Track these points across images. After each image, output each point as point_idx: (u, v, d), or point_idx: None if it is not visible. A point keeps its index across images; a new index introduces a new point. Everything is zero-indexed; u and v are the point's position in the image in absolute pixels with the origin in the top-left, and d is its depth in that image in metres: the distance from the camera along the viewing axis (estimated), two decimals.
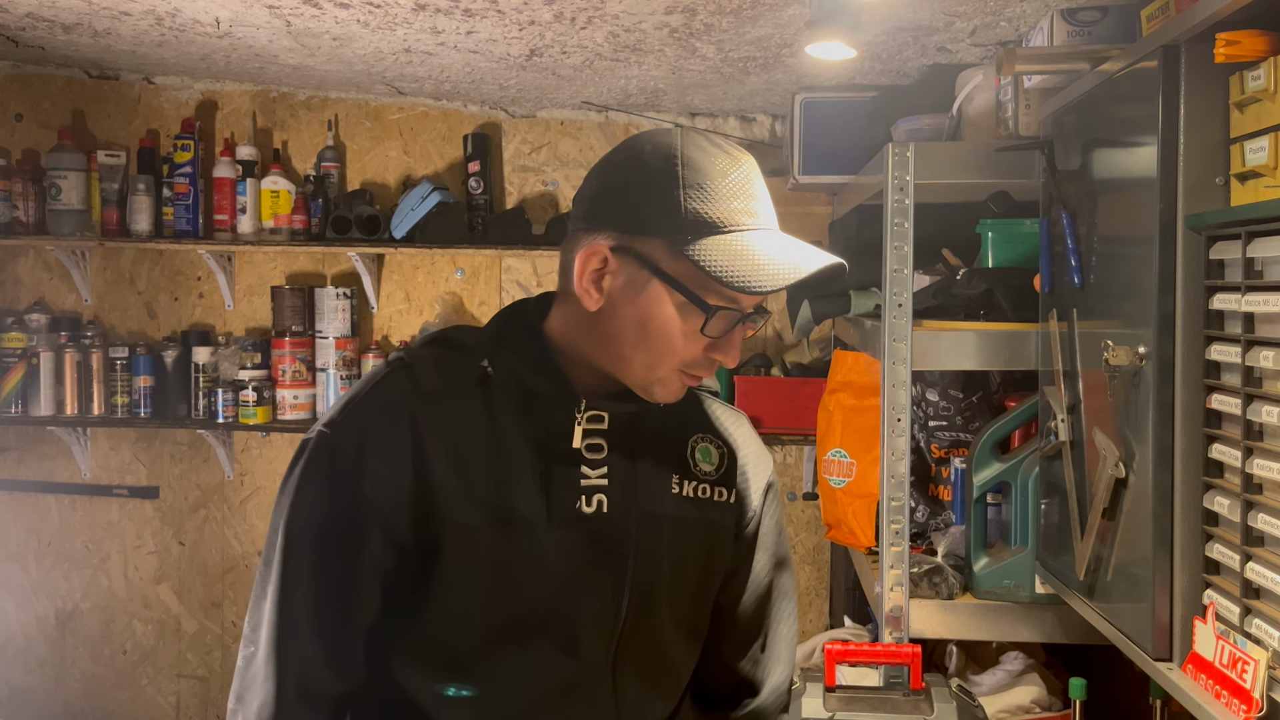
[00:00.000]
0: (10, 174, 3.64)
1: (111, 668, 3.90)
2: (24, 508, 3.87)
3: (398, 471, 1.30)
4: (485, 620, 1.33)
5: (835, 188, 3.22)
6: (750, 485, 1.49)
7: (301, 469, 1.32)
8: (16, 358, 3.69)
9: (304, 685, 1.30)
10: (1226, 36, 1.28)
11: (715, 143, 1.31)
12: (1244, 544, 1.29)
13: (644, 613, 1.38)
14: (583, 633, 1.35)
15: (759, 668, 1.54)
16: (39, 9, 2.74)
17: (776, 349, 3.69)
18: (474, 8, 2.42)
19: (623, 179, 1.32)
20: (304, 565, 1.31)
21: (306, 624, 1.30)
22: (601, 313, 1.31)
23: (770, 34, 2.53)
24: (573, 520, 1.33)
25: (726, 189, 1.27)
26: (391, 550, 1.31)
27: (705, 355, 1.31)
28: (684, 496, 1.41)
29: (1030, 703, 2.11)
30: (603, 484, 1.35)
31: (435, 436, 1.31)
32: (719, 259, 1.24)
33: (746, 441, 1.51)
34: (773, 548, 1.53)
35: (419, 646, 1.34)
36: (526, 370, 1.35)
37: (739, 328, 1.31)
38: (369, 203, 3.59)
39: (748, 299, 1.29)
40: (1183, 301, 1.40)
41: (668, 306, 1.28)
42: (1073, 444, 1.76)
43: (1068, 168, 1.79)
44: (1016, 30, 2.35)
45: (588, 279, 1.30)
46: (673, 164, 1.27)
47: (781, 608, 1.56)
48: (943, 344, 2.08)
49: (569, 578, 1.34)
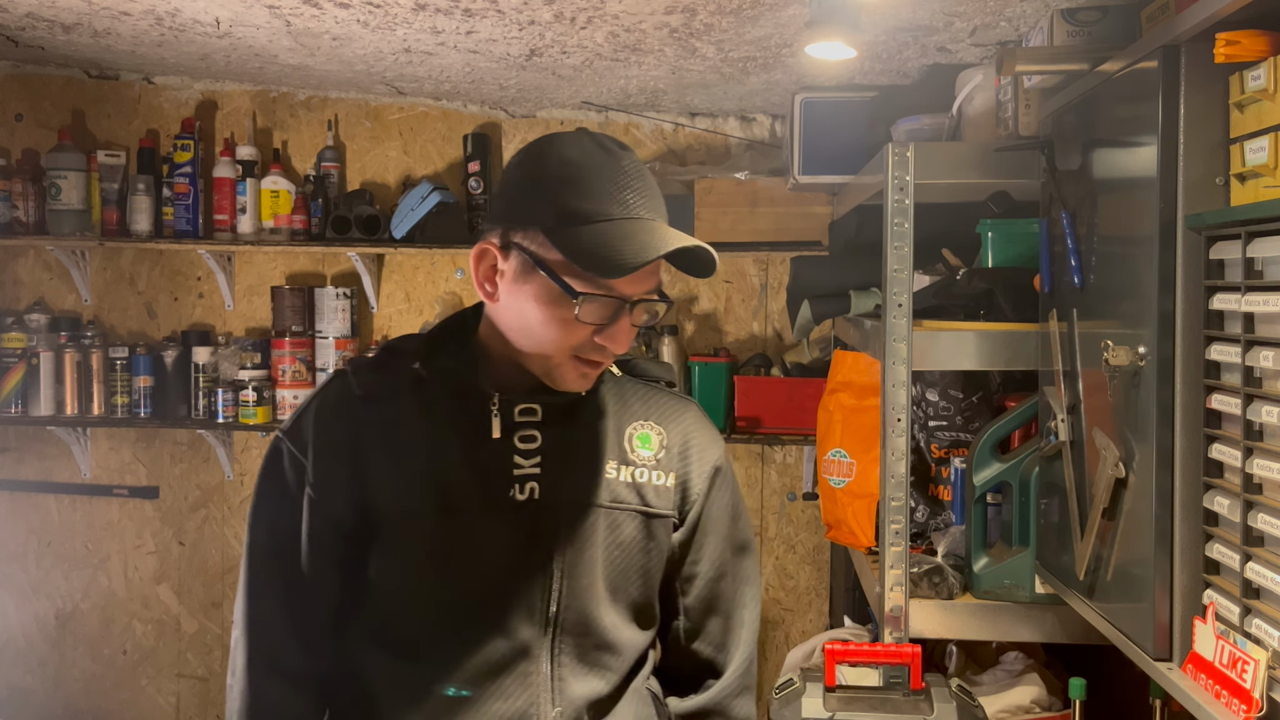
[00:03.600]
0: (10, 174, 3.64)
1: (111, 668, 3.90)
2: (24, 508, 3.87)
3: (338, 469, 1.44)
4: (424, 603, 1.44)
5: (835, 188, 3.22)
6: (693, 469, 1.56)
7: (260, 472, 1.50)
8: (16, 358, 3.69)
9: (275, 661, 1.46)
10: (1226, 36, 1.28)
11: (599, 141, 1.39)
12: (1244, 544, 1.29)
13: (579, 596, 1.46)
14: (517, 615, 1.44)
15: (720, 651, 1.60)
16: (39, 9, 2.74)
17: (776, 349, 3.69)
18: (474, 8, 2.42)
19: (509, 179, 1.44)
20: (266, 558, 1.48)
21: (273, 610, 1.47)
22: (500, 307, 1.43)
23: (770, 34, 2.53)
24: (506, 508, 1.43)
25: (598, 183, 1.35)
26: (341, 540, 1.45)
27: (593, 342, 1.39)
28: (621, 482, 1.49)
29: (1030, 703, 2.11)
30: (535, 472, 1.44)
31: (372, 435, 1.44)
32: (582, 246, 1.33)
33: (691, 427, 1.58)
34: (725, 531, 1.60)
35: (367, 627, 1.47)
36: (454, 370, 1.46)
37: (624, 315, 1.39)
38: (369, 203, 3.59)
39: (627, 286, 1.37)
40: (1183, 301, 1.40)
41: (546, 296, 1.37)
42: (1073, 444, 1.76)
43: (1068, 168, 1.79)
44: (1016, 30, 2.35)
45: (482, 275, 1.43)
46: (549, 161, 1.38)
47: (742, 592, 1.62)
48: (943, 344, 2.08)
49: (503, 563, 1.44)
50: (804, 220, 3.43)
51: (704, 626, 1.60)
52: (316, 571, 1.46)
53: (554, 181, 1.36)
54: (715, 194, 3.43)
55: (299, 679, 1.47)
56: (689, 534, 1.56)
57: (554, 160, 1.38)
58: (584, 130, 1.43)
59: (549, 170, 1.37)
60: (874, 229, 2.18)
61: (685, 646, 1.60)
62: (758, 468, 3.76)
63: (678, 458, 1.55)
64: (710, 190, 3.43)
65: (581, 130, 1.43)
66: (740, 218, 3.43)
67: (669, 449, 1.54)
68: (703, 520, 1.57)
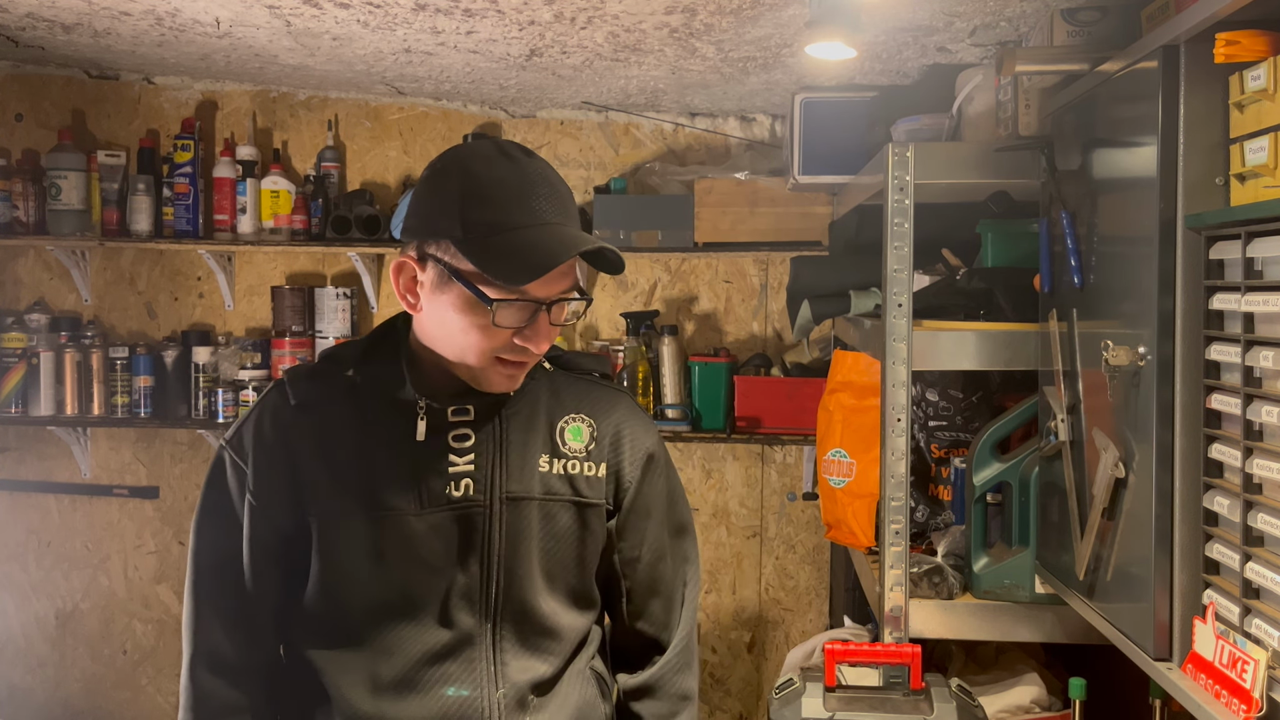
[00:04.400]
0: (10, 174, 3.64)
1: (111, 668, 3.90)
2: (24, 508, 3.87)
3: (275, 477, 1.51)
4: (366, 599, 1.50)
5: (835, 188, 3.22)
6: (625, 458, 1.61)
7: (206, 479, 1.57)
8: (16, 358, 3.69)
9: (212, 658, 1.53)
10: (1226, 36, 1.28)
11: (503, 149, 1.45)
12: (1244, 544, 1.29)
13: (516, 585, 1.52)
14: (456, 606, 1.51)
15: (664, 630, 1.68)
16: (39, 9, 2.74)
17: (776, 349, 3.69)
18: (474, 8, 2.42)
19: (420, 194, 1.48)
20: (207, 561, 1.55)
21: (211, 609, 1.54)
22: (423, 317, 1.49)
23: (770, 34, 2.53)
24: (442, 505, 1.50)
25: (503, 193, 1.40)
26: (281, 543, 1.52)
27: (514, 344, 1.45)
28: (553, 474, 1.55)
29: (1030, 703, 2.11)
30: (469, 469, 1.51)
31: (307, 441, 1.51)
32: (490, 255, 1.38)
33: (624, 418, 1.63)
34: (662, 516, 1.66)
35: (313, 624, 1.53)
36: (384, 376, 1.52)
37: (542, 315, 1.44)
38: (369, 203, 3.59)
39: (540, 289, 1.42)
40: (1183, 301, 1.40)
41: (463, 304, 1.42)
42: (1073, 444, 1.76)
43: (1068, 168, 1.79)
44: (1016, 30, 2.35)
45: (403, 287, 1.48)
46: (454, 176, 1.43)
47: (682, 571, 1.70)
48: (943, 344, 2.08)
49: (441, 557, 1.50)
50: (804, 220, 3.43)
51: (646, 607, 1.67)
52: (258, 573, 1.53)
53: (461, 194, 1.41)
54: (715, 194, 3.43)
55: (238, 672, 1.54)
56: (625, 519, 1.62)
57: (460, 172, 1.43)
58: (489, 139, 1.51)
59: (455, 183, 1.42)
60: (874, 229, 2.18)
61: (630, 627, 1.68)
62: (758, 468, 3.76)
63: (609, 448, 1.60)
64: (710, 190, 3.43)
65: (486, 139, 1.51)
66: (740, 218, 3.43)
67: (599, 440, 1.59)
68: (638, 505, 1.63)
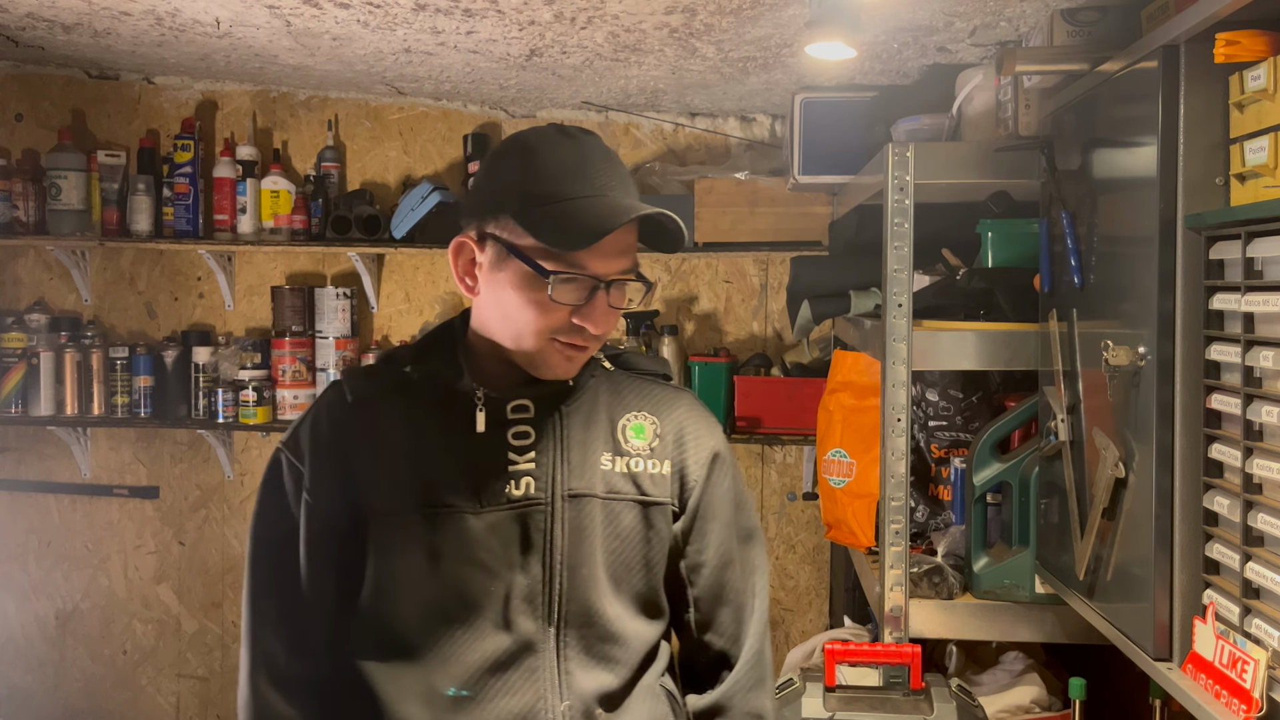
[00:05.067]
0: (10, 174, 3.64)
1: (111, 668, 3.90)
2: (24, 508, 3.87)
3: (331, 475, 1.47)
4: (423, 601, 1.45)
5: (835, 188, 3.22)
6: (689, 456, 1.56)
7: (262, 482, 1.53)
8: (16, 358, 3.69)
9: (273, 670, 1.48)
10: (1226, 36, 1.28)
11: (563, 130, 1.44)
12: (1244, 544, 1.29)
13: (580, 587, 1.46)
14: (517, 610, 1.45)
15: (733, 642, 1.59)
16: (39, 9, 2.74)
17: (776, 349, 3.69)
18: (474, 8, 2.42)
19: (481, 176, 1.48)
20: (265, 566, 1.51)
21: (271, 617, 1.49)
22: (480, 300, 1.47)
23: (770, 34, 2.53)
24: (502, 504, 1.45)
25: (561, 167, 1.39)
26: (337, 544, 1.47)
27: (571, 323, 1.41)
28: (616, 472, 1.50)
29: (1030, 703, 2.11)
30: (530, 468, 1.46)
31: (363, 439, 1.48)
32: (546, 223, 1.36)
33: (686, 416, 1.58)
34: (728, 518, 1.59)
35: (368, 630, 1.47)
36: (440, 370, 1.49)
37: (601, 295, 1.41)
38: (369, 203, 3.59)
39: (598, 265, 1.39)
40: (1183, 301, 1.40)
41: (521, 280, 1.40)
42: (1073, 444, 1.76)
43: (1068, 168, 1.79)
44: (1016, 30, 2.35)
45: (461, 270, 1.46)
46: (515, 154, 1.42)
47: (752, 581, 1.61)
48: (943, 344, 2.08)
49: (501, 558, 1.45)
50: (804, 220, 3.43)
51: (714, 617, 1.58)
52: (315, 577, 1.48)
53: (520, 169, 1.40)
54: (715, 194, 3.43)
55: (299, 686, 1.48)
56: (690, 521, 1.55)
57: (520, 150, 1.42)
58: (551, 124, 1.47)
59: (515, 160, 1.42)
60: (874, 229, 2.18)
61: (698, 639, 1.59)
62: (758, 468, 3.76)
63: (673, 445, 1.54)
64: (710, 190, 3.43)
65: (550, 124, 1.47)
66: (740, 218, 3.43)
67: (663, 437, 1.54)
68: (704, 506, 1.56)
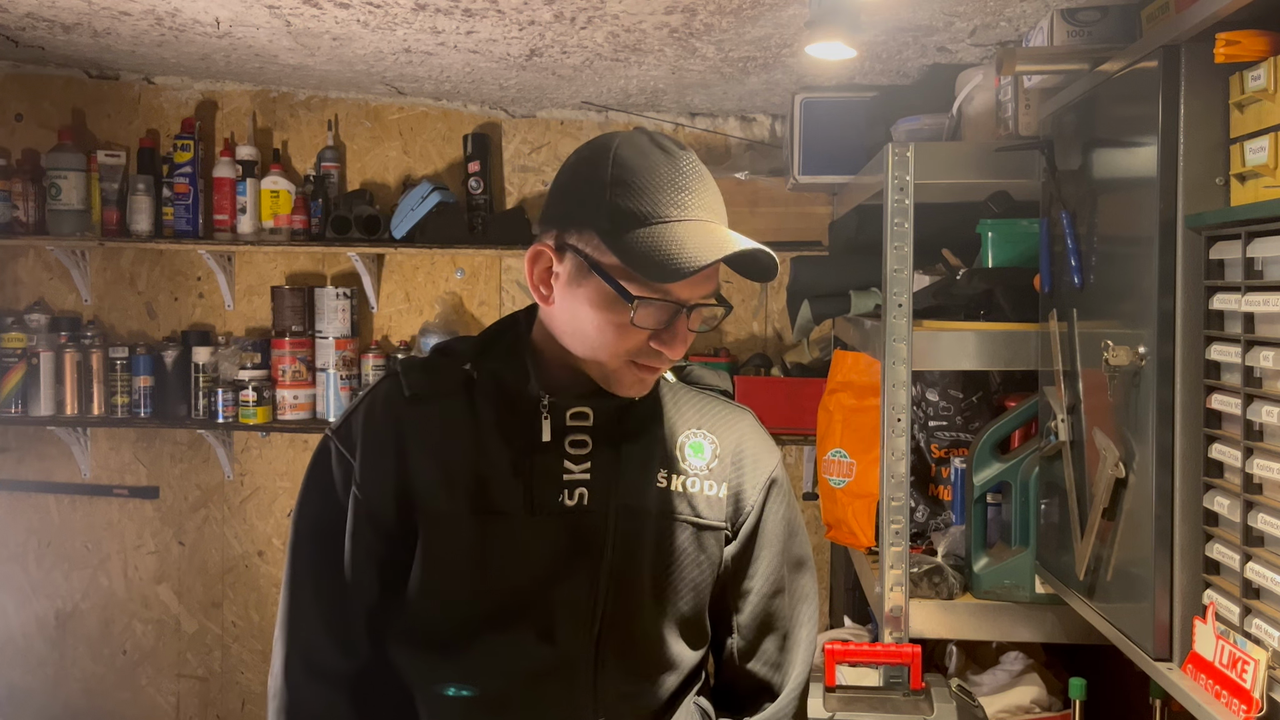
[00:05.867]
0: (10, 174, 3.64)
1: (111, 668, 3.90)
2: (24, 508, 3.87)
3: (383, 469, 1.41)
4: (466, 605, 1.41)
5: (835, 188, 3.22)
6: (746, 480, 1.50)
7: (308, 470, 1.47)
8: (16, 358, 3.69)
9: (309, 660, 1.44)
10: (1226, 36, 1.28)
11: (657, 141, 1.35)
12: (1244, 544, 1.29)
13: (624, 604, 1.42)
14: (561, 621, 1.40)
15: (777, 671, 1.53)
16: (39, 9, 2.74)
17: (776, 349, 3.69)
18: (474, 8, 2.42)
19: (564, 181, 1.39)
20: (307, 555, 1.46)
21: (310, 607, 1.44)
22: (555, 310, 1.39)
23: (770, 34, 2.53)
24: (554, 512, 1.40)
25: (654, 184, 1.31)
26: (383, 539, 1.42)
27: (649, 347, 1.36)
28: (671, 490, 1.45)
29: (1030, 703, 2.11)
30: (585, 478, 1.41)
31: (418, 436, 1.42)
32: (637, 250, 1.29)
33: (746, 437, 1.52)
34: (780, 545, 1.53)
35: (408, 628, 1.43)
36: (503, 371, 1.43)
37: (681, 319, 1.35)
38: (369, 203, 3.59)
39: (684, 290, 1.33)
40: (1183, 301, 1.40)
41: (601, 300, 1.33)
42: (1073, 444, 1.76)
43: (1068, 168, 1.79)
44: (1016, 30, 2.35)
45: (536, 278, 1.39)
46: (604, 163, 1.33)
47: (800, 610, 1.55)
48: (943, 344, 2.08)
49: (548, 567, 1.40)
50: (804, 220, 3.42)
51: (759, 645, 1.52)
52: (358, 570, 1.43)
53: (609, 183, 1.32)
54: None
55: (335, 678, 1.44)
56: (742, 547, 1.50)
57: (610, 161, 1.33)
58: (642, 130, 1.39)
59: (605, 171, 1.33)
60: (874, 229, 2.18)
61: (740, 666, 1.53)
62: None
63: (731, 467, 1.49)
64: None
65: (639, 130, 1.39)
66: (740, 218, 3.39)
67: (722, 458, 1.48)
68: (757, 533, 1.50)
